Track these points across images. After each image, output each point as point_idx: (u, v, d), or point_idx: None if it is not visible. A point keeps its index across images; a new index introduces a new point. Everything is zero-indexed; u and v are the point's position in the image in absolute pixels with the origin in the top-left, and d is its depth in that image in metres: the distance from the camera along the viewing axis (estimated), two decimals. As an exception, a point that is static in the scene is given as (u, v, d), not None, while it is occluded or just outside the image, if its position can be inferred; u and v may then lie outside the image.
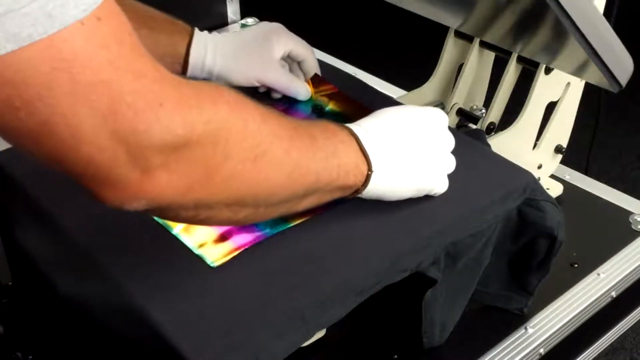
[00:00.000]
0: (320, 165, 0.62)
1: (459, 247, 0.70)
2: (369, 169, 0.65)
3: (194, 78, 0.83)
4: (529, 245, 0.76)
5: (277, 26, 0.87)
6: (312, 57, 0.89)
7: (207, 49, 0.83)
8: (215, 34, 0.85)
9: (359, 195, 0.67)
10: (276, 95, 0.87)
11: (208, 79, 0.84)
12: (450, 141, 0.72)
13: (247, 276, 0.64)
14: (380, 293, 0.66)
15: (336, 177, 0.63)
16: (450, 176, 0.72)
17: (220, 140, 0.52)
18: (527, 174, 0.76)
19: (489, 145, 0.87)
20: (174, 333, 0.58)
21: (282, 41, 0.86)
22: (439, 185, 0.71)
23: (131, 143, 0.47)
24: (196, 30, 0.84)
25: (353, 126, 0.67)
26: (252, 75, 0.84)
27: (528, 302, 0.81)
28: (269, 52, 0.85)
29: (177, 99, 0.49)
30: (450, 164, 0.72)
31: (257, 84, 0.85)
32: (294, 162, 0.59)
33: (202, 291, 0.63)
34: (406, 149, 0.68)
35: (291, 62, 0.89)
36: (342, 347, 0.77)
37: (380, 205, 0.69)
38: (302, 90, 0.86)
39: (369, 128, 0.67)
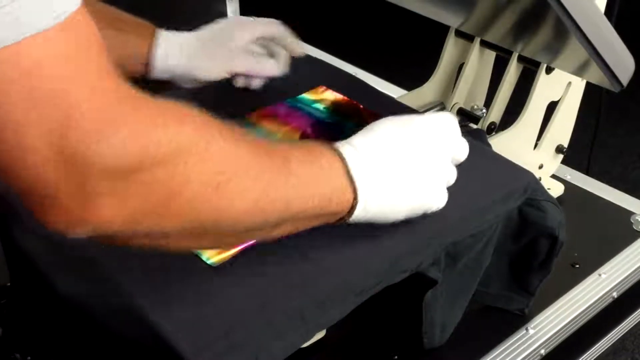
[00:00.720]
0: (292, 193, 0.58)
1: (459, 247, 0.70)
2: (355, 197, 0.61)
3: (159, 78, 0.83)
4: (530, 246, 0.76)
5: (239, 18, 0.87)
6: (285, 32, 0.88)
7: (172, 48, 0.82)
8: (179, 33, 0.84)
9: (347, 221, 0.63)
10: (255, 84, 0.87)
11: (173, 78, 0.83)
12: (460, 148, 0.68)
13: (247, 276, 0.64)
14: (380, 293, 0.65)
15: (314, 206, 0.59)
16: None
17: (178, 164, 0.49)
18: (528, 173, 0.75)
19: (489, 145, 0.87)
20: (174, 333, 0.58)
21: (246, 28, 0.85)
22: (436, 202, 0.67)
23: (79, 163, 0.45)
24: (161, 30, 0.84)
25: (343, 145, 0.63)
26: (220, 67, 0.83)
27: (529, 302, 0.80)
28: (233, 42, 0.84)
29: (135, 120, 0.47)
30: (451, 175, 0.67)
31: (227, 75, 0.84)
32: (260, 189, 0.55)
33: (202, 291, 0.62)
34: (401, 168, 0.64)
35: (268, 42, 0.88)
36: (342, 348, 0.76)
37: None
38: (272, 67, 0.85)
39: (360, 145, 0.63)
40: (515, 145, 0.94)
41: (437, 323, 0.73)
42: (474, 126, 1.01)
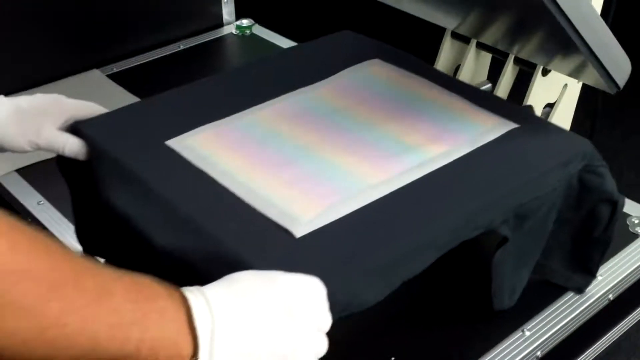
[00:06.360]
0: (105, 332, 0.49)
1: (525, 209, 0.73)
2: (194, 354, 0.51)
3: None
4: (591, 214, 0.79)
5: (55, 97, 0.84)
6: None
7: None
8: None
9: None
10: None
11: None
12: (323, 319, 0.58)
13: (334, 230, 0.66)
14: (447, 257, 0.68)
15: (132, 352, 0.50)
16: (513, 144, 0.75)
17: None
18: (585, 141, 0.78)
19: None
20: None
21: (62, 107, 0.82)
22: None
23: None
24: None
25: (193, 293, 0.53)
26: (25, 140, 0.80)
27: (588, 283, 0.83)
28: (44, 117, 0.81)
29: None
30: (319, 345, 0.58)
31: (30, 149, 0.81)
32: (53, 317, 0.47)
33: (288, 246, 0.65)
34: (261, 333, 0.54)
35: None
36: (341, 348, 0.76)
37: (450, 167, 0.73)
38: (77, 147, 0.79)
39: (213, 298, 0.53)
40: (512, 146, 0.94)
41: (506, 285, 0.76)
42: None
